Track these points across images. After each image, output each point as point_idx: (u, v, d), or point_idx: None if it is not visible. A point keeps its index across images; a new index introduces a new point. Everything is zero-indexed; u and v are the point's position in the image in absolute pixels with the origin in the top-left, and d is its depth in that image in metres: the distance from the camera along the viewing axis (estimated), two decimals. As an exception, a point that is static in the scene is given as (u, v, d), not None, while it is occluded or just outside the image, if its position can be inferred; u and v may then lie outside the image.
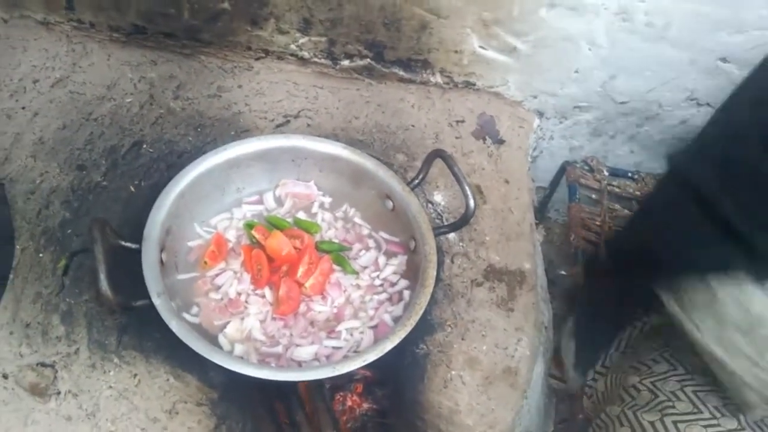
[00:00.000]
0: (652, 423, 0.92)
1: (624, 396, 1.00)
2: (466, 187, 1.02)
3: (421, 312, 0.96)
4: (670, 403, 0.94)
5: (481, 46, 1.29)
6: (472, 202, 1.02)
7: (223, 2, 1.25)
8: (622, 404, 0.98)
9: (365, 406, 1.23)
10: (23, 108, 1.23)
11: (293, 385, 1.18)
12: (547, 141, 1.48)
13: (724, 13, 1.16)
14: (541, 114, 1.41)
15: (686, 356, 0.99)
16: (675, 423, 0.91)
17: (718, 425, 0.90)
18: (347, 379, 1.25)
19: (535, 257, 1.18)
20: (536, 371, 1.07)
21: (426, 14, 1.24)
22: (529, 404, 1.05)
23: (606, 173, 1.39)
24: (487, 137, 1.32)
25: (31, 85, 1.27)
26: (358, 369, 1.18)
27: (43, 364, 0.95)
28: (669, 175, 1.00)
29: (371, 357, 0.93)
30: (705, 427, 0.90)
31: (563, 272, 1.32)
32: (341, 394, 1.22)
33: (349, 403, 1.22)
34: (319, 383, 1.21)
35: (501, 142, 1.31)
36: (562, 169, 1.45)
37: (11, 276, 1.03)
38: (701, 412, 0.92)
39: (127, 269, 0.94)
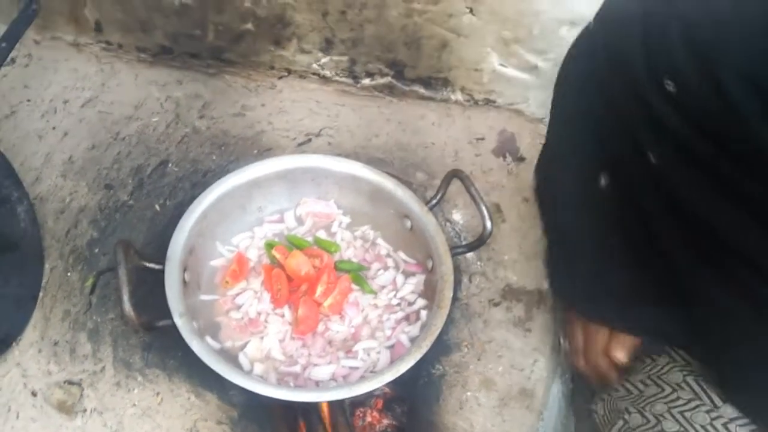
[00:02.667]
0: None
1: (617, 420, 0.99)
2: (483, 209, 1.03)
3: (436, 333, 0.97)
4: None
5: (501, 64, 1.30)
6: (489, 223, 1.03)
7: (247, 23, 1.28)
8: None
9: (385, 422, 1.24)
10: (54, 128, 1.28)
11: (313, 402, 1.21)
12: (569, 157, 1.48)
13: None
14: (562, 131, 1.40)
15: None
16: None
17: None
18: (367, 395, 1.27)
19: (554, 277, 1.18)
20: (553, 392, 1.07)
21: (446, 33, 1.25)
22: (545, 426, 1.05)
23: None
24: (507, 154, 1.32)
25: (62, 106, 1.32)
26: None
27: (70, 382, 0.99)
28: None
29: (387, 378, 0.94)
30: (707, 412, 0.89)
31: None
32: (361, 410, 1.24)
33: (369, 419, 1.23)
34: (339, 399, 1.24)
35: (521, 159, 1.32)
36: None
37: (41, 295, 1.07)
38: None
39: (152, 288, 0.97)
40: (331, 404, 1.20)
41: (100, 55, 1.39)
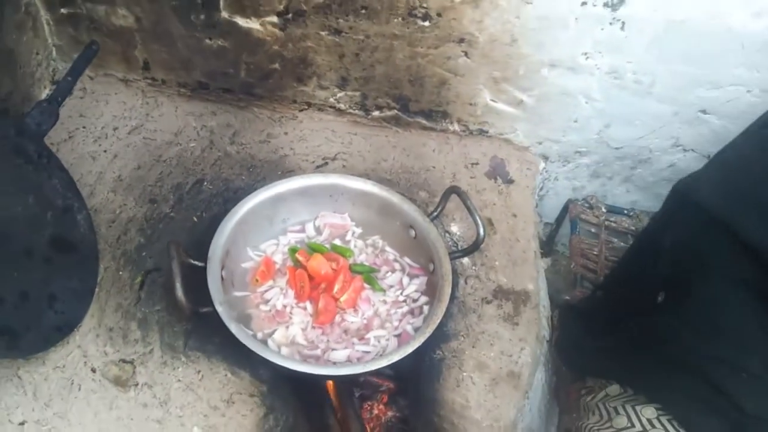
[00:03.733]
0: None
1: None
2: (477, 218, 1.20)
3: (437, 321, 1.14)
4: None
5: (492, 100, 1.48)
6: (482, 230, 1.20)
7: (274, 63, 1.48)
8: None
9: (389, 414, 1.40)
10: (105, 151, 1.47)
11: (327, 392, 1.36)
12: (553, 182, 1.66)
13: (701, 72, 1.34)
14: (546, 158, 1.59)
15: None
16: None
17: None
18: (374, 389, 1.43)
19: (538, 280, 1.35)
20: (537, 377, 1.23)
21: (445, 73, 1.44)
22: (530, 404, 1.21)
23: (604, 210, 1.57)
24: (498, 177, 1.51)
25: (112, 132, 1.50)
26: (383, 379, 1.38)
27: (124, 361, 1.15)
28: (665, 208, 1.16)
29: (396, 357, 1.09)
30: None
31: (567, 297, 1.48)
32: (369, 403, 1.39)
33: (376, 411, 1.39)
34: (350, 393, 1.38)
35: (510, 181, 1.50)
36: (566, 207, 1.63)
37: (97, 290, 1.24)
38: None
39: (194, 283, 1.13)
40: (342, 396, 1.36)
41: (146, 89, 1.59)
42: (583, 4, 1.27)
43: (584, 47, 1.35)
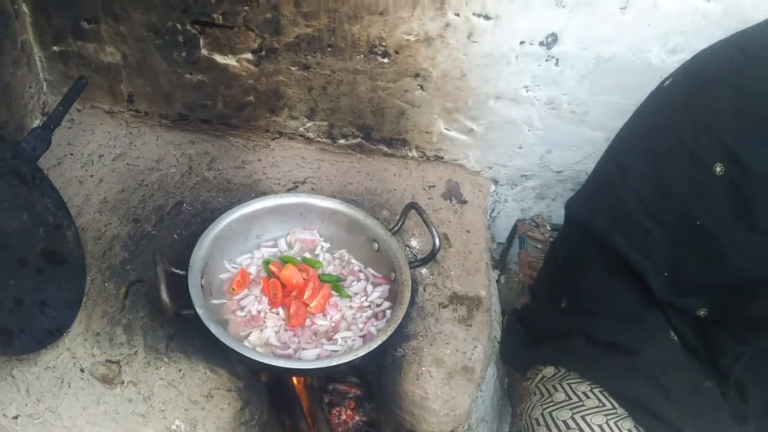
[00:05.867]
0: (564, 421, 1.10)
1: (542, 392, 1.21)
2: (433, 230, 1.34)
3: (398, 321, 1.25)
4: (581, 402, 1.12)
5: (446, 128, 1.63)
6: (437, 241, 1.34)
7: (249, 96, 1.62)
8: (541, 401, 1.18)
9: (356, 418, 1.50)
10: (91, 176, 1.58)
11: (297, 396, 1.46)
12: (503, 203, 1.81)
13: (627, 101, 1.47)
14: (495, 181, 1.73)
15: None
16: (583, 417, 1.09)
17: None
18: (342, 396, 1.53)
19: (490, 288, 1.49)
20: (489, 373, 1.36)
21: (403, 104, 1.59)
22: (483, 396, 1.33)
23: (549, 228, 1.72)
24: (453, 198, 1.65)
25: (98, 159, 1.62)
26: (351, 386, 1.48)
27: (110, 361, 1.24)
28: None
29: (361, 352, 1.20)
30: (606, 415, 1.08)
31: (517, 307, 1.62)
32: (337, 408, 1.49)
33: (344, 416, 1.49)
34: (319, 399, 1.49)
35: (464, 202, 1.65)
36: (515, 226, 1.79)
37: (84, 299, 1.34)
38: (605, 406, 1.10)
39: (174, 290, 1.22)
40: (313, 402, 1.46)
41: (130, 120, 1.72)
42: (522, 43, 1.45)
43: (524, 81, 1.52)
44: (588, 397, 1.09)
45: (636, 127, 1.22)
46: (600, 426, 1.05)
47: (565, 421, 1.08)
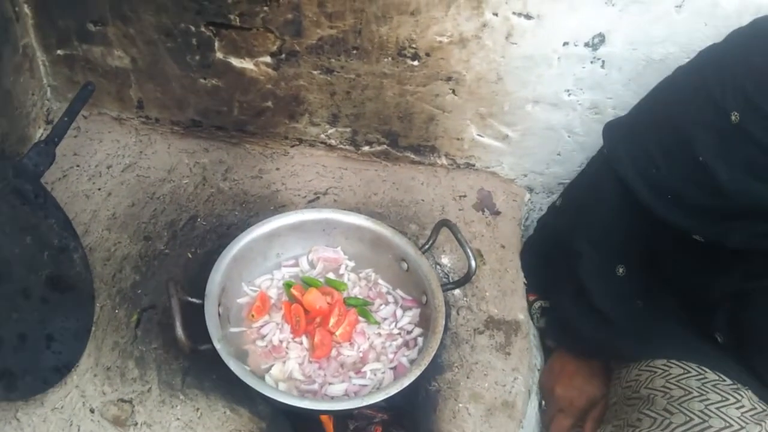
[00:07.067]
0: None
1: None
2: (468, 250, 1.24)
3: (432, 354, 1.16)
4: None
5: (478, 134, 1.53)
6: (473, 263, 1.24)
7: (267, 101, 1.51)
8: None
9: (384, 444, 1.42)
10: (99, 189, 1.48)
11: (323, 426, 1.38)
12: (537, 212, 1.69)
13: None
14: (531, 189, 1.63)
15: None
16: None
17: None
18: (368, 421, 1.44)
19: (528, 310, 1.39)
20: (530, 405, 1.26)
21: (433, 109, 1.49)
22: (525, 433, 1.24)
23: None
24: (485, 209, 1.55)
25: (106, 170, 1.52)
26: (377, 411, 1.39)
27: (122, 400, 1.15)
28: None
29: (393, 390, 1.11)
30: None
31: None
32: (363, 434, 1.41)
33: (371, 442, 1.41)
34: (344, 426, 1.40)
35: (497, 213, 1.55)
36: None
37: (93, 329, 1.25)
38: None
39: (190, 320, 1.14)
40: (337, 429, 1.37)
41: (139, 128, 1.61)
42: (565, 44, 1.33)
43: (566, 84, 1.41)
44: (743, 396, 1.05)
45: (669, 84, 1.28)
46: None
47: None
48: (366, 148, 1.60)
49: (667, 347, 1.15)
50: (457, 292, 1.37)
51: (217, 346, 1.12)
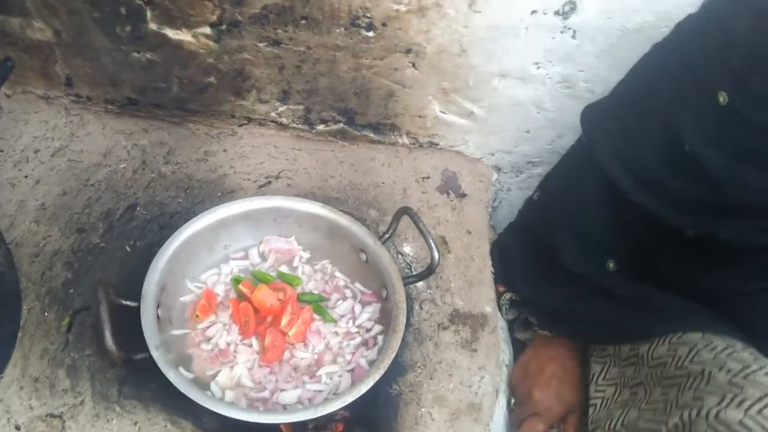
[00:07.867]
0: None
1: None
2: (431, 241, 1.14)
3: (393, 355, 1.07)
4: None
5: (441, 111, 1.42)
6: (436, 255, 1.14)
7: (209, 77, 1.38)
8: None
9: (346, 442, 1.34)
10: (26, 176, 1.34)
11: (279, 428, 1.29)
12: (506, 192, 1.61)
13: None
14: (498, 169, 1.54)
15: None
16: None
17: None
18: (328, 419, 1.36)
19: (495, 302, 1.30)
20: (498, 406, 1.19)
21: (392, 84, 1.37)
22: (491, 436, 1.17)
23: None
24: (450, 191, 1.45)
25: (33, 155, 1.38)
26: (337, 410, 1.31)
27: (52, 415, 1.05)
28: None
29: (349, 398, 1.03)
30: None
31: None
32: (324, 432, 1.33)
33: (332, 441, 1.33)
34: (302, 424, 1.32)
35: (463, 195, 1.45)
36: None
37: (20, 334, 1.13)
38: None
39: (127, 324, 1.04)
40: (296, 429, 1.29)
41: (69, 107, 1.46)
42: (534, 12, 1.22)
43: (535, 57, 1.30)
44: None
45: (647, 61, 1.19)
46: None
47: None
48: (321, 127, 1.48)
49: (691, 320, 1.04)
50: (420, 283, 1.28)
51: (155, 354, 1.02)
